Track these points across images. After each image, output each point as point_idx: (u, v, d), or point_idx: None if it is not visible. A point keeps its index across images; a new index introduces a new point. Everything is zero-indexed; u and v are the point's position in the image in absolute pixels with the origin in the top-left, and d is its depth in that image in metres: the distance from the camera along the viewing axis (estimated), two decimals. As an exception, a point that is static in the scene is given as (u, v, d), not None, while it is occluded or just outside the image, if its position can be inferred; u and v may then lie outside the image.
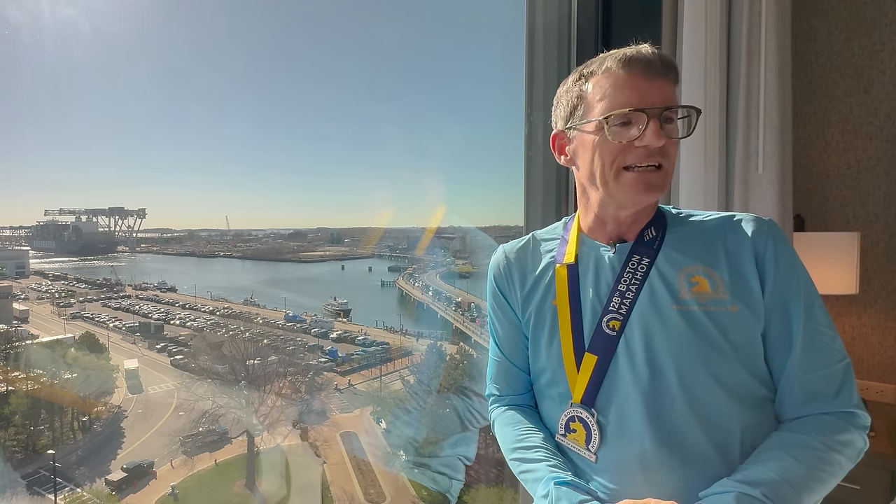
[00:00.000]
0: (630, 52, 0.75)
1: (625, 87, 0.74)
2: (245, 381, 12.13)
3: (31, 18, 29.27)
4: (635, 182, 0.75)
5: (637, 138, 0.73)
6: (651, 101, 0.73)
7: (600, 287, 0.81)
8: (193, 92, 52.58)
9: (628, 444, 0.75)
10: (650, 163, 0.74)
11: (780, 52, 1.38)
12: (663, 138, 0.72)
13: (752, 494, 0.63)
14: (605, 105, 0.75)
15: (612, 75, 0.75)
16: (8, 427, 10.93)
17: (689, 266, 0.77)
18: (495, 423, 0.95)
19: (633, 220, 0.82)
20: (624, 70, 0.74)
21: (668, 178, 0.76)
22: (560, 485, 0.74)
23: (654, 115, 0.72)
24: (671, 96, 0.75)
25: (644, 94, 0.73)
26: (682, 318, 0.74)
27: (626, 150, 0.75)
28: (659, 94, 0.73)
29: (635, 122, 0.73)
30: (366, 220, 40.43)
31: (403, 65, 55.71)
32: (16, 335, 13.57)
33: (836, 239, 1.69)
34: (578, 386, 0.80)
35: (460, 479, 7.99)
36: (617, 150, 0.75)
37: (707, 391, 0.73)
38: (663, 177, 0.75)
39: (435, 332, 16.10)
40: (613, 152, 0.75)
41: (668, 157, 0.75)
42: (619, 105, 0.74)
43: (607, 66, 0.76)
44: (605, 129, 0.75)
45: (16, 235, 25.37)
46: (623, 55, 0.75)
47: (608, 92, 0.75)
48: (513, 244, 0.95)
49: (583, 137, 0.80)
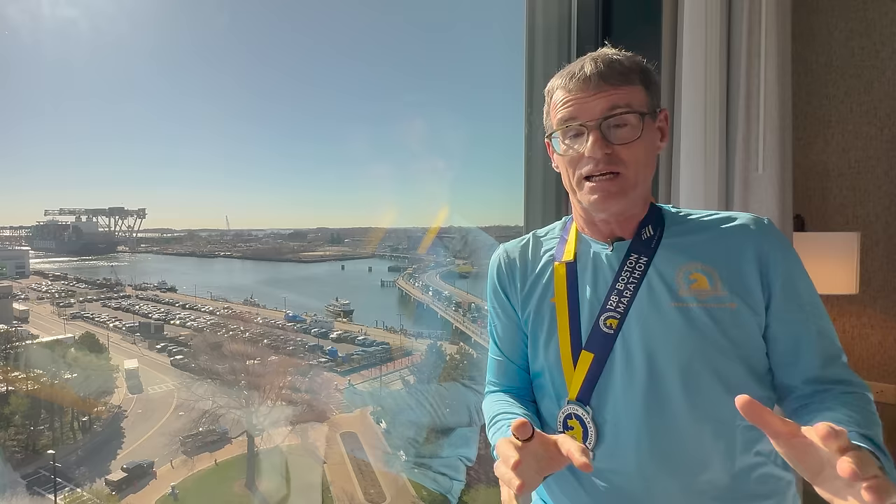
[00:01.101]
0: (574, 68, 0.78)
1: (566, 104, 0.78)
2: (245, 381, 12.13)
3: (30, 18, 29.29)
4: (592, 191, 0.77)
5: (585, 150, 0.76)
6: (591, 114, 0.75)
7: (598, 285, 0.81)
8: (193, 92, 52.64)
9: (625, 441, 0.76)
10: (602, 172, 0.75)
11: (780, 52, 1.38)
12: (603, 148, 0.74)
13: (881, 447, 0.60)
14: (556, 121, 0.80)
15: (559, 91, 0.80)
16: (8, 427, 10.93)
17: (687, 264, 0.77)
18: (484, 402, 0.96)
19: (618, 220, 0.82)
20: (563, 90, 0.78)
21: (628, 183, 0.76)
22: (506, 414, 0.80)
23: (593, 126, 0.75)
24: (619, 103, 0.75)
25: (583, 108, 0.76)
26: (681, 316, 0.75)
27: (579, 161, 0.78)
28: (600, 105, 0.75)
29: (583, 132, 0.77)
30: (366, 220, 40.53)
31: (404, 64, 55.77)
32: (16, 335, 13.58)
33: (836, 239, 1.69)
34: (574, 383, 0.80)
35: (461, 480, 7.99)
36: (574, 162, 0.79)
37: (708, 388, 0.73)
38: (622, 183, 0.76)
39: (435, 332, 16.11)
40: (572, 164, 0.80)
41: (623, 162, 0.76)
42: (562, 121, 0.79)
43: (556, 83, 0.81)
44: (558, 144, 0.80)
45: (16, 235, 25.39)
46: (567, 72, 0.79)
47: (558, 108, 0.80)
48: (513, 243, 0.95)
49: (554, 149, 0.84)
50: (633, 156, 0.76)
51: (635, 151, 0.76)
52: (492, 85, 45.26)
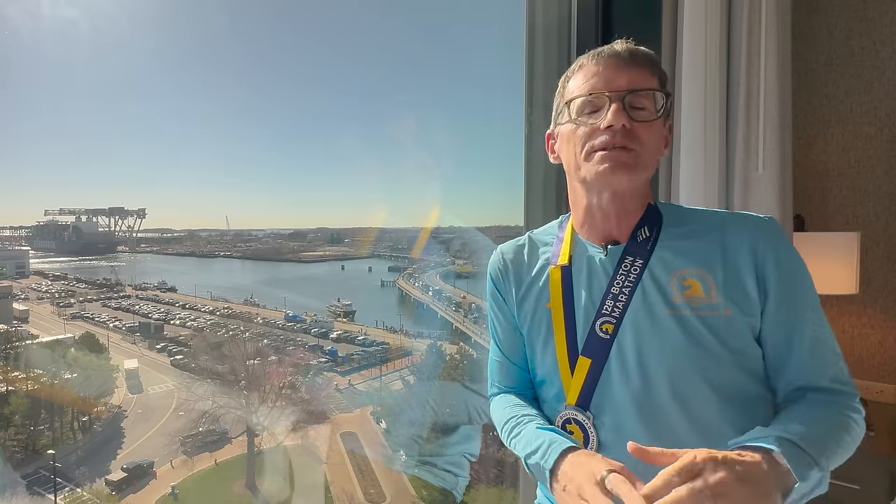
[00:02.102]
0: (602, 48, 0.78)
1: (592, 77, 0.78)
2: (245, 381, 12.13)
3: (31, 18, 29.29)
4: (602, 160, 0.75)
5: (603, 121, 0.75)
6: (616, 86, 0.75)
7: (593, 289, 0.81)
8: (193, 92, 52.65)
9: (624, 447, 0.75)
10: (616, 144, 0.74)
11: (780, 52, 1.38)
12: (623, 118, 0.73)
13: (791, 439, 0.61)
14: (574, 96, 0.79)
15: (584, 69, 0.80)
16: (8, 427, 10.94)
17: (681, 269, 0.76)
18: (492, 406, 0.95)
19: (619, 211, 0.80)
20: (593, 61, 0.78)
21: (640, 160, 0.75)
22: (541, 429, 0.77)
23: (616, 98, 0.74)
24: (642, 83, 0.75)
25: (608, 81, 0.76)
26: (676, 324, 0.74)
27: (593, 134, 0.76)
28: (625, 79, 0.75)
29: (602, 107, 0.76)
30: (366, 220, 40.48)
31: (404, 64, 55.77)
32: (16, 335, 13.58)
33: (836, 239, 1.69)
34: (573, 389, 0.80)
35: (466, 477, 8.01)
36: (587, 136, 0.77)
37: (700, 398, 0.73)
38: (634, 157, 0.75)
39: (435, 332, 16.11)
40: (584, 137, 0.77)
41: (639, 140, 0.75)
42: (580, 92, 0.78)
43: (581, 63, 0.81)
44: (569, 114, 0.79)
45: (16, 235, 25.40)
46: (595, 50, 0.79)
47: (581, 85, 0.79)
48: (510, 245, 0.94)
49: (563, 132, 0.83)
50: (649, 137, 0.75)
51: (652, 134, 0.76)
52: (492, 85, 45.24)
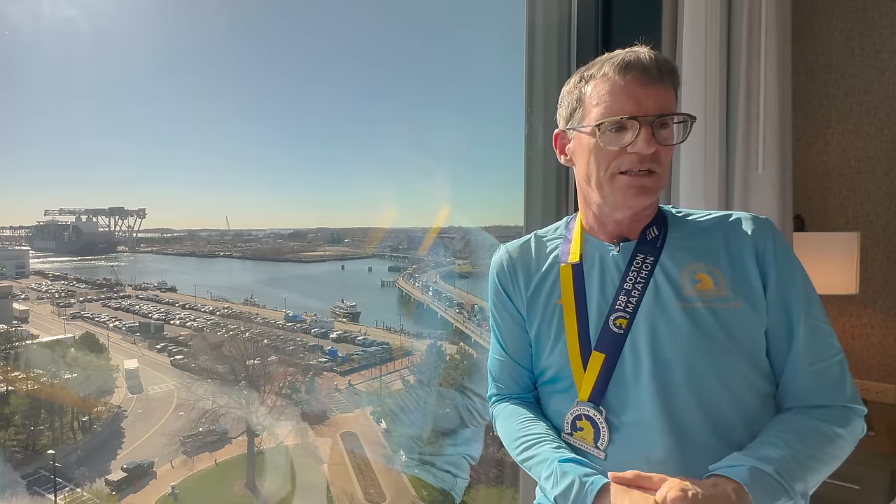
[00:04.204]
0: (629, 58, 0.75)
1: (620, 94, 0.75)
2: (245, 381, 12.13)
3: (31, 18, 29.32)
4: (628, 186, 0.76)
5: (629, 144, 0.74)
6: (645, 109, 0.74)
7: (606, 286, 0.82)
8: (193, 91, 52.64)
9: (638, 440, 0.76)
10: (641, 168, 0.75)
11: (780, 52, 1.38)
12: (654, 146, 0.74)
13: (764, 469, 0.65)
14: (601, 110, 0.77)
15: (609, 80, 0.77)
16: (8, 427, 10.93)
17: (692, 264, 0.78)
18: (497, 418, 0.95)
19: (632, 220, 0.83)
20: (620, 76, 0.75)
21: (660, 182, 0.78)
22: (564, 462, 0.75)
23: (647, 122, 0.74)
24: (667, 103, 0.76)
25: (638, 102, 0.74)
26: (686, 316, 0.75)
27: (619, 156, 0.76)
28: (654, 101, 0.74)
29: (629, 128, 0.75)
30: (366, 220, 40.50)
31: (404, 64, 55.76)
32: (16, 335, 13.56)
33: (836, 239, 1.69)
34: (585, 384, 0.80)
35: (465, 478, 8.00)
36: (611, 156, 0.76)
37: (712, 387, 0.74)
38: (656, 181, 0.77)
39: (435, 332, 16.10)
40: (608, 157, 0.77)
41: (660, 162, 0.76)
42: (613, 112, 0.75)
43: (605, 72, 0.77)
44: (597, 135, 0.77)
45: (16, 235, 25.38)
46: (621, 60, 0.75)
47: (604, 97, 0.76)
48: (515, 243, 0.95)
49: (580, 139, 0.81)
50: (668, 156, 0.78)
51: (669, 154, 0.78)
52: (492, 85, 45.24)
